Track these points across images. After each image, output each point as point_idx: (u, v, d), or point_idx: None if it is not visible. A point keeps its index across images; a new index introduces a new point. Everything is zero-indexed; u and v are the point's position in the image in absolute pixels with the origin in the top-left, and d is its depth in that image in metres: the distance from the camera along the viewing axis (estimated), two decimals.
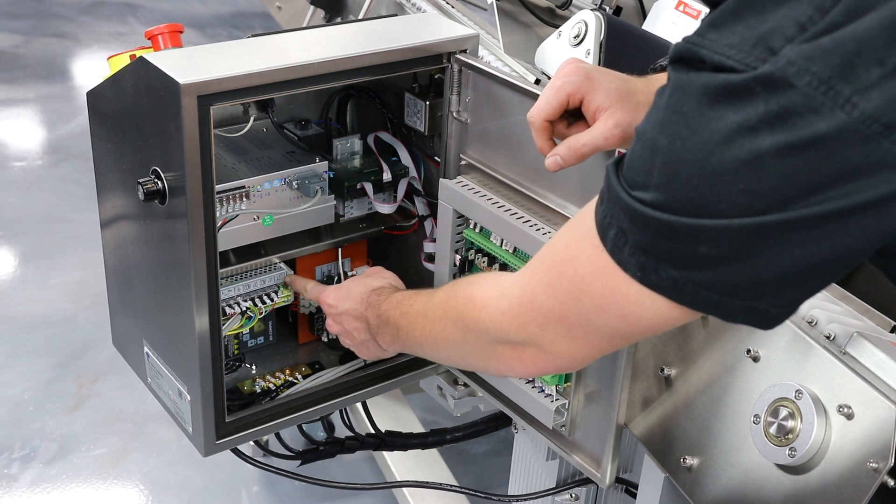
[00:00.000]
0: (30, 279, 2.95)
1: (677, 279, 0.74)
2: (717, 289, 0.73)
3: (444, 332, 1.04)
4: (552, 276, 0.86)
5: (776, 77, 0.66)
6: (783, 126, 0.66)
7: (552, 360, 0.91)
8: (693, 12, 1.63)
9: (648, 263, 0.75)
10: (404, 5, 1.91)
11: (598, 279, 0.80)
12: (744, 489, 1.04)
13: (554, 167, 1.03)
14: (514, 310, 0.91)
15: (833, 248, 0.70)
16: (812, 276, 0.73)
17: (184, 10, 5.02)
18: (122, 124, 1.23)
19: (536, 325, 0.88)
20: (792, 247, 0.69)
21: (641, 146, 0.74)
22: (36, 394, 2.50)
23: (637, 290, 0.77)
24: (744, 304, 0.74)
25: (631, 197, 0.74)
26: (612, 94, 1.00)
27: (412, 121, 1.40)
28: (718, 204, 0.69)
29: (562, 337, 0.87)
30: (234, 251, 1.34)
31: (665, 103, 0.72)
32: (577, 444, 1.25)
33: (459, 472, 2.08)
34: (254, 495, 2.24)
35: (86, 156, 3.41)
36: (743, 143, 0.67)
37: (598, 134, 1.00)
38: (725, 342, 1.08)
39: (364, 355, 1.29)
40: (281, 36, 1.25)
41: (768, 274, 0.71)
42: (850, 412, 0.93)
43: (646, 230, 0.74)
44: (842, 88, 0.64)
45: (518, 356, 0.93)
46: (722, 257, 0.71)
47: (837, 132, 0.65)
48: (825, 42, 0.65)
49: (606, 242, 0.78)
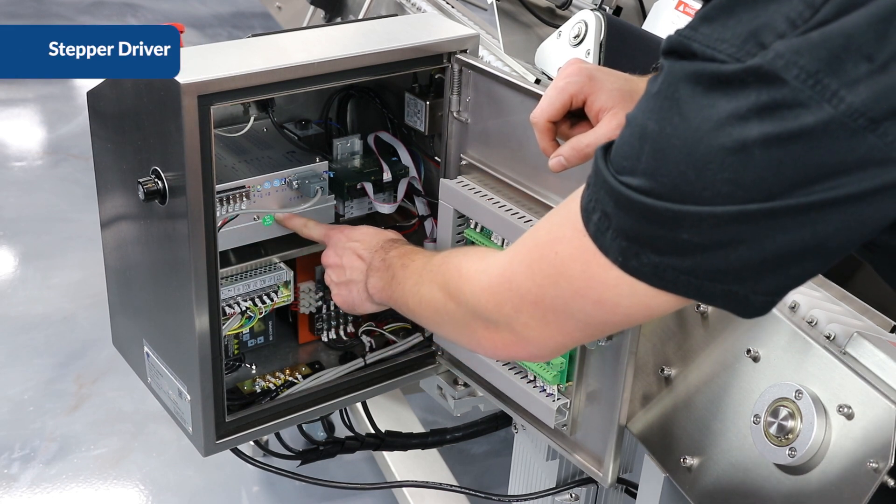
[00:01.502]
0: (30, 279, 2.95)
1: (657, 265, 0.74)
2: (697, 274, 0.74)
3: (429, 293, 1.05)
4: (533, 258, 0.86)
5: (764, 70, 0.66)
6: (771, 117, 0.66)
7: (523, 346, 0.91)
8: (693, 12, 1.63)
9: (630, 248, 0.75)
10: (404, 5, 1.91)
11: (578, 263, 0.80)
12: (744, 489, 1.04)
13: (558, 168, 1.03)
14: (493, 287, 0.91)
15: (814, 236, 0.70)
16: (792, 264, 0.73)
17: (184, 10, 5.02)
18: (122, 124, 1.23)
19: (511, 306, 0.89)
20: (774, 234, 0.70)
21: (630, 132, 0.74)
22: (36, 394, 2.50)
23: (616, 275, 0.77)
24: (724, 288, 0.74)
25: (618, 181, 0.74)
26: (614, 95, 1.01)
27: (412, 121, 1.40)
28: (703, 191, 0.70)
29: (535, 321, 0.87)
30: (234, 251, 1.34)
31: (657, 90, 0.73)
32: (578, 443, 1.25)
33: (459, 472, 2.08)
34: (254, 495, 2.24)
35: (86, 156, 3.42)
36: (731, 132, 0.68)
37: (601, 134, 1.00)
38: (725, 342, 1.08)
39: (342, 299, 1.28)
40: (281, 36, 1.25)
41: (748, 260, 0.72)
42: (850, 412, 0.93)
43: (630, 214, 0.74)
44: (829, 82, 0.65)
45: (490, 336, 0.94)
46: (703, 244, 0.72)
47: (824, 125, 0.65)
48: (814, 36, 0.65)
49: (589, 226, 0.78)
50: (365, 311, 1.29)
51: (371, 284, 1.22)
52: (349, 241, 1.27)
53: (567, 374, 1.21)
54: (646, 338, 1.17)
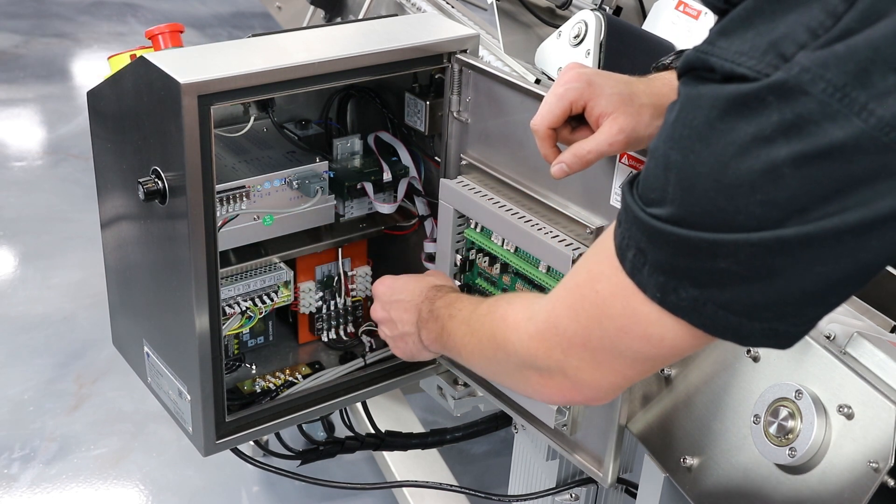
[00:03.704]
0: (30, 279, 2.95)
1: (697, 299, 0.73)
2: (735, 310, 0.72)
3: (479, 345, 1.03)
4: (574, 300, 0.85)
5: (790, 84, 0.65)
6: (799, 135, 0.65)
7: (578, 390, 0.89)
8: (693, 12, 1.63)
9: (668, 283, 0.74)
10: (404, 5, 1.91)
11: (619, 301, 0.79)
12: (744, 489, 1.04)
13: (560, 174, 1.03)
14: (541, 335, 0.90)
15: (854, 264, 0.68)
16: (832, 294, 0.72)
17: (184, 10, 5.02)
18: (122, 124, 1.23)
19: (561, 351, 0.87)
20: (812, 264, 0.68)
21: (654, 163, 0.73)
22: (36, 394, 2.50)
23: (658, 311, 0.76)
24: (763, 327, 0.73)
25: (647, 214, 0.73)
26: (614, 100, 1.00)
27: (412, 121, 1.40)
28: (736, 216, 0.68)
29: (586, 364, 0.86)
30: (234, 251, 1.34)
31: (675, 118, 0.72)
32: (578, 443, 1.25)
33: (459, 472, 2.08)
34: (254, 495, 2.24)
35: (86, 156, 3.42)
36: (759, 154, 0.66)
37: (602, 140, 1.00)
38: (725, 342, 1.08)
39: (400, 350, 1.26)
40: (281, 36, 1.25)
41: (788, 293, 0.70)
42: (850, 412, 0.93)
43: (664, 247, 0.73)
44: (857, 96, 0.64)
45: (545, 383, 0.92)
46: (741, 274, 0.70)
47: (854, 140, 0.64)
48: (839, 49, 0.64)
49: (625, 264, 0.77)
50: (426, 359, 1.27)
51: (424, 336, 1.19)
52: (393, 294, 1.24)
53: None
54: None
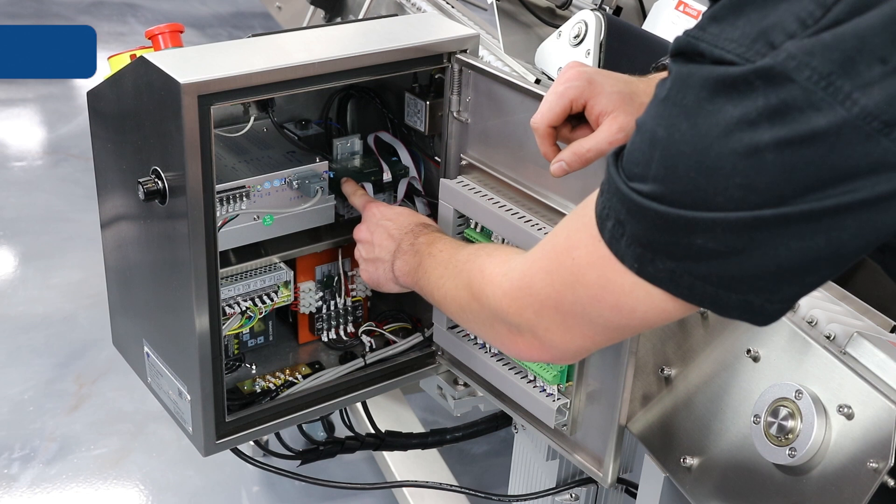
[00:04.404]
0: (30, 279, 2.96)
1: (674, 271, 0.74)
2: (713, 281, 0.73)
3: (454, 290, 1.06)
4: (551, 264, 0.86)
5: (776, 71, 0.65)
6: (782, 121, 0.66)
7: (546, 349, 0.92)
8: (693, 12, 1.63)
9: (645, 255, 0.75)
10: (404, 5, 1.91)
11: (595, 269, 0.80)
12: (744, 489, 1.04)
13: (559, 173, 1.03)
14: (514, 293, 0.92)
15: (829, 244, 0.69)
16: (808, 272, 0.73)
17: (184, 10, 5.02)
18: (122, 124, 1.23)
19: (533, 311, 0.89)
20: (788, 240, 0.69)
21: (641, 138, 0.74)
22: (36, 394, 2.50)
23: (632, 281, 0.77)
24: (739, 298, 0.74)
25: (629, 188, 0.74)
26: (614, 98, 1.00)
27: (412, 121, 1.40)
28: (715, 197, 0.69)
29: (556, 326, 0.88)
30: (234, 251, 1.34)
31: (665, 95, 0.72)
32: (578, 443, 1.25)
33: (459, 472, 2.08)
34: (254, 495, 2.24)
35: (86, 156, 3.41)
36: (742, 137, 0.67)
37: (602, 139, 1.00)
38: (725, 342, 1.08)
39: (367, 275, 1.29)
40: (281, 36, 1.25)
41: (764, 268, 0.71)
42: (850, 412, 0.93)
43: (643, 221, 0.74)
44: (842, 84, 0.64)
45: (514, 339, 0.94)
46: (718, 250, 0.71)
47: (837, 128, 0.65)
48: (826, 37, 0.64)
49: (604, 233, 0.78)
50: (389, 291, 1.29)
51: (397, 267, 1.22)
52: (382, 219, 1.27)
53: (567, 374, 1.21)
54: (646, 338, 1.17)
